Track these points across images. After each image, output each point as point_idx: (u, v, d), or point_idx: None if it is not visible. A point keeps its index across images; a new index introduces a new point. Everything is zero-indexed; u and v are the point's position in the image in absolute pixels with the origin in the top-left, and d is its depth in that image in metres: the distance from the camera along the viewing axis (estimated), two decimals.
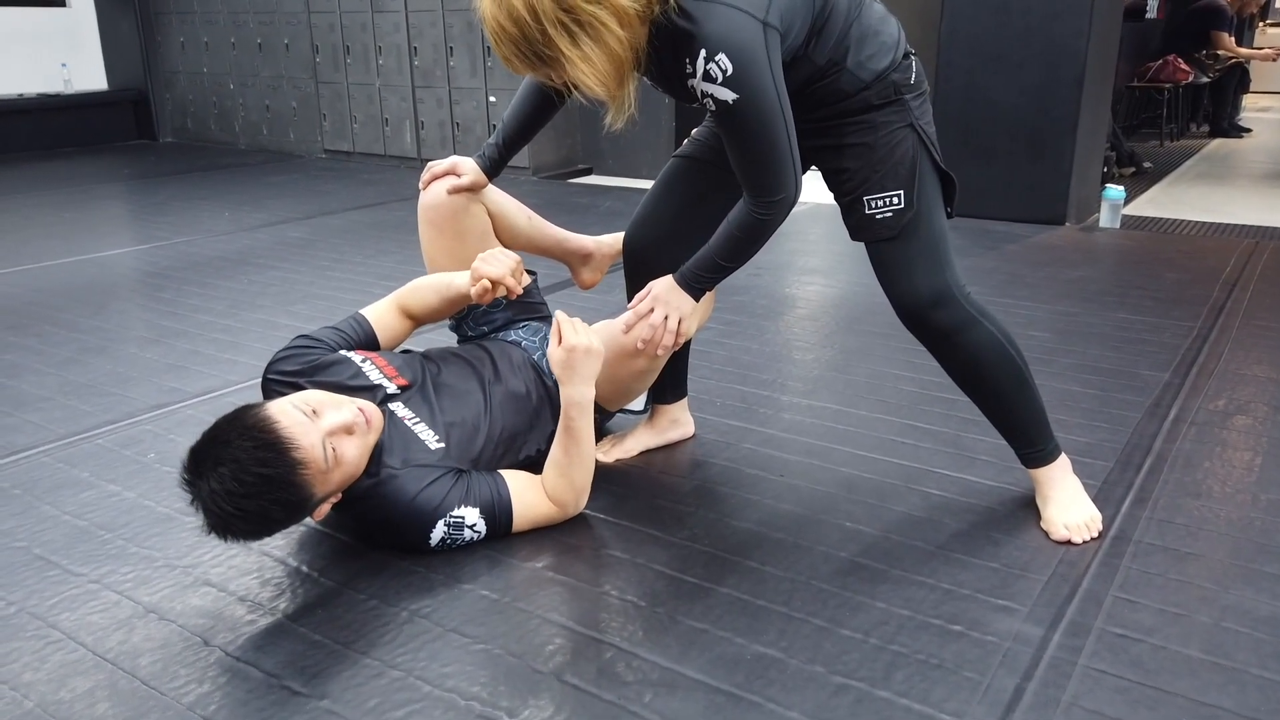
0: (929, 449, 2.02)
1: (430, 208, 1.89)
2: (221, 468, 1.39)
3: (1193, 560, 1.60)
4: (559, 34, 1.32)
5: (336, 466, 1.50)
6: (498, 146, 1.86)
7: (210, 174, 6.00)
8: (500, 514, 1.64)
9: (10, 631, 1.45)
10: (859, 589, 1.53)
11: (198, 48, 7.11)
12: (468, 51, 5.73)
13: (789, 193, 1.48)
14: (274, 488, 1.41)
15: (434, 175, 1.88)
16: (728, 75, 1.37)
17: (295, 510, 1.47)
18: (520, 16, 1.31)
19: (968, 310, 1.62)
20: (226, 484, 1.38)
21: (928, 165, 1.58)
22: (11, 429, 2.19)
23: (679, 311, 1.62)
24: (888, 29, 1.55)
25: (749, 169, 1.48)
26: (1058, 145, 4.11)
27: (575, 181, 5.79)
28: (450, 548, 1.61)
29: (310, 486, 1.45)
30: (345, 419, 1.52)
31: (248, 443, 1.41)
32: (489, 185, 1.91)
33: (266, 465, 1.40)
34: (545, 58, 1.35)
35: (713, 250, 1.58)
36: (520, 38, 1.33)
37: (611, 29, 1.33)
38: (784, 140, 1.44)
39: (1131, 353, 2.58)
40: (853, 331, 2.80)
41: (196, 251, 3.92)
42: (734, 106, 1.39)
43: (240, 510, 1.39)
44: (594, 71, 1.35)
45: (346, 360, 1.74)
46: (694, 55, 1.37)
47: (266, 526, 1.47)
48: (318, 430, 1.48)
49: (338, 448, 1.49)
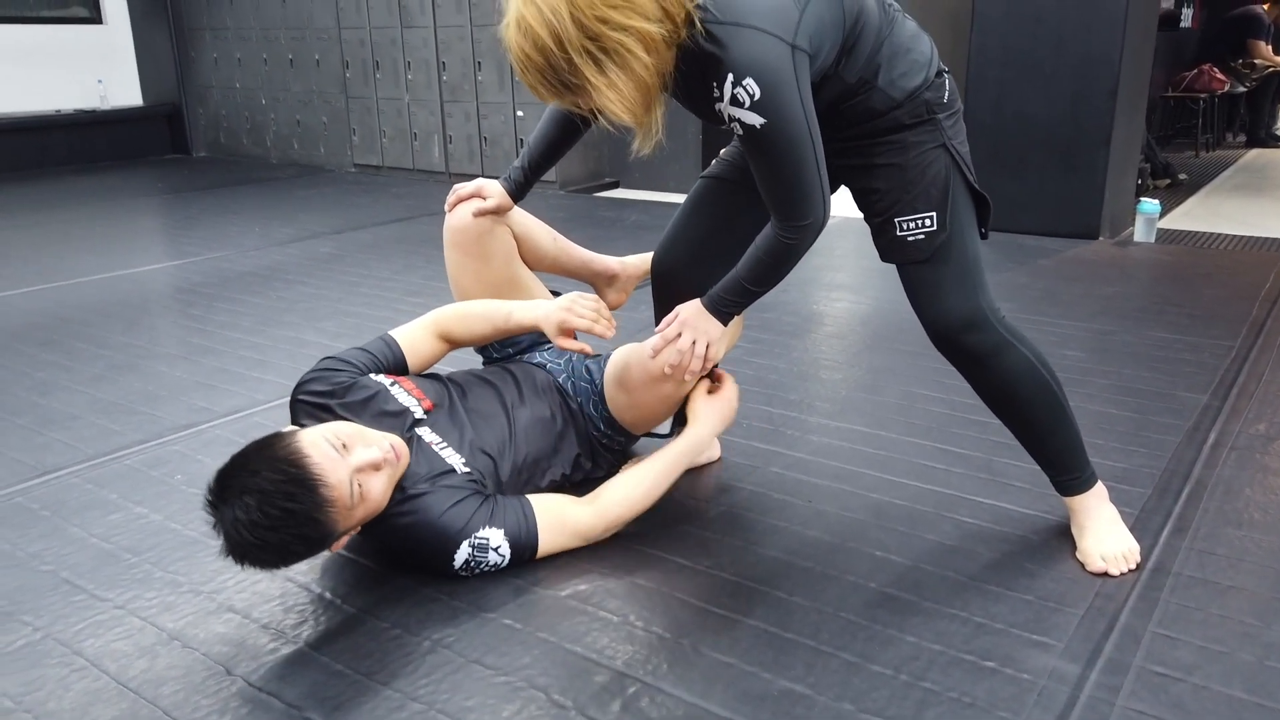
0: (961, 474, 1.98)
1: (456, 230, 1.89)
2: (247, 497, 1.38)
3: (1234, 594, 1.55)
4: (585, 62, 1.30)
5: (361, 503, 1.49)
6: (523, 169, 1.86)
7: (242, 188, 6.06)
8: (526, 539, 1.62)
9: (36, 658, 1.46)
10: (889, 622, 1.49)
11: (231, 63, 7.21)
12: (495, 66, 5.75)
13: (817, 217, 1.46)
14: (297, 523, 1.40)
15: (459, 198, 1.88)
16: (755, 99, 1.34)
17: (315, 545, 1.46)
18: (545, 45, 1.29)
19: (1001, 334, 1.59)
20: (251, 514, 1.37)
21: (961, 186, 1.55)
22: (41, 448, 2.21)
23: (707, 336, 1.60)
24: (920, 46, 1.52)
25: (776, 193, 1.46)
26: (1091, 158, 4.05)
27: (602, 195, 5.79)
28: (474, 571, 1.60)
29: (333, 524, 1.45)
30: (374, 456, 1.50)
31: (276, 475, 1.40)
32: (514, 207, 1.91)
33: (293, 500, 1.39)
34: (571, 86, 1.33)
35: (740, 274, 1.56)
36: (546, 66, 1.31)
37: (638, 55, 1.31)
38: (812, 164, 1.42)
39: (1169, 373, 2.52)
40: (881, 350, 2.77)
41: (227, 267, 3.96)
42: (761, 130, 1.37)
43: (260, 541, 1.39)
44: (621, 99, 1.33)
45: (375, 383, 1.73)
46: (721, 79, 1.35)
47: (284, 558, 1.47)
48: (346, 466, 1.46)
49: (364, 484, 1.48)
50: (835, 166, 1.53)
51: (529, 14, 1.29)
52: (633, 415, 1.80)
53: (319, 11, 6.51)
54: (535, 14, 1.28)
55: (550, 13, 1.27)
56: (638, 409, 1.78)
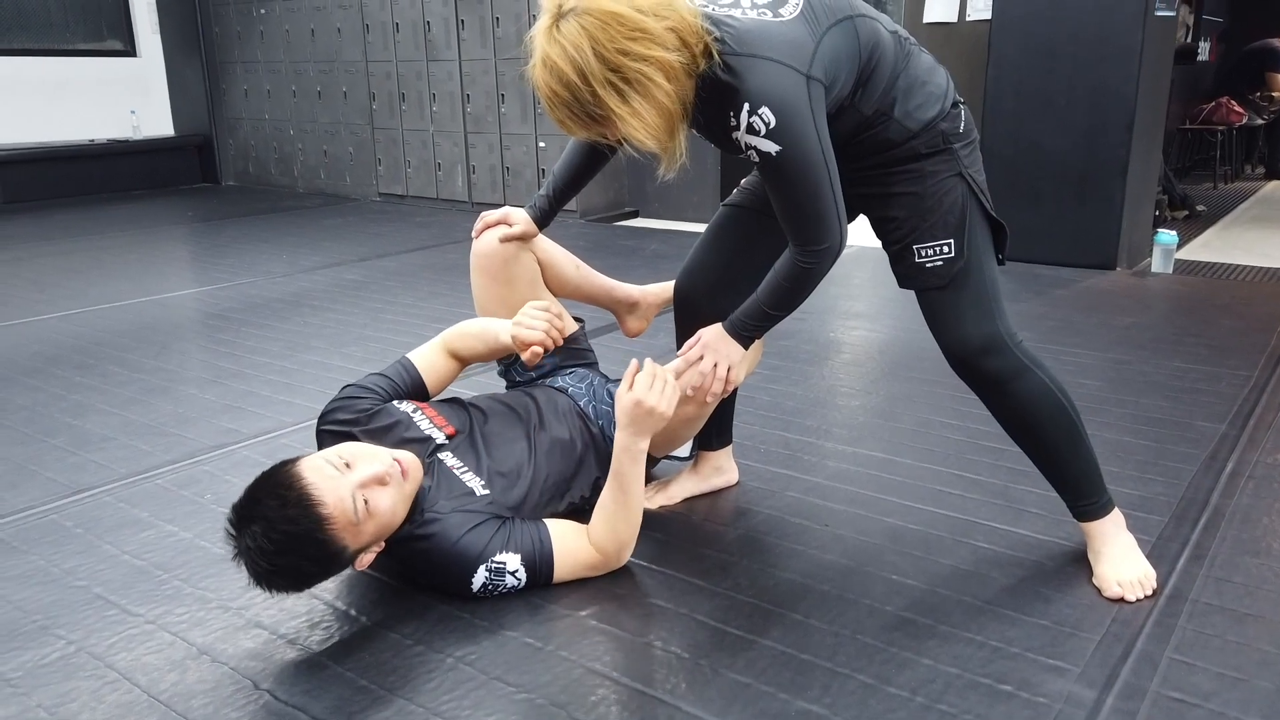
0: (977, 500, 1.99)
1: (482, 255, 1.93)
2: (254, 525, 1.44)
3: (1252, 621, 1.55)
4: (608, 93, 1.35)
5: (369, 518, 1.51)
6: (548, 197, 1.90)
7: (270, 216, 6.18)
8: (541, 562, 1.65)
9: (70, 670, 1.50)
10: (905, 645, 1.51)
11: (260, 95, 7.37)
12: (519, 98, 5.86)
13: (833, 242, 1.50)
14: (302, 544, 1.45)
15: (486, 224, 1.93)
16: (770, 128, 1.39)
17: (328, 563, 1.50)
18: (570, 80, 1.35)
19: (1019, 359, 1.61)
20: (259, 541, 1.43)
21: (978, 214, 1.58)
22: (76, 468, 2.27)
23: (728, 359, 1.63)
24: (936, 79, 1.57)
25: (793, 219, 1.50)
26: (1107, 189, 4.07)
27: (621, 224, 5.85)
28: (491, 594, 1.63)
29: (339, 541, 1.48)
30: (377, 470, 1.53)
31: (274, 501, 1.46)
32: (539, 235, 1.96)
33: (292, 523, 1.44)
34: (597, 117, 1.39)
35: (760, 299, 1.59)
36: (572, 100, 1.37)
37: (659, 83, 1.36)
38: (827, 191, 1.45)
39: (1186, 403, 2.53)
40: (898, 378, 2.79)
41: (255, 293, 4.04)
42: (777, 158, 1.42)
43: (274, 566, 1.44)
44: (644, 126, 1.38)
45: (398, 411, 1.77)
46: (737, 108, 1.40)
47: (303, 579, 1.51)
48: (348, 484, 1.50)
49: (370, 499, 1.51)
50: (854, 195, 1.56)
51: (554, 52, 1.35)
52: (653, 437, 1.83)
53: (347, 46, 6.65)
54: (559, 52, 1.34)
55: (573, 49, 1.33)
56: (660, 435, 1.81)
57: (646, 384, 1.60)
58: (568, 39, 1.33)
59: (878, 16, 1.53)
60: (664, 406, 1.60)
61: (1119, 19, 3.91)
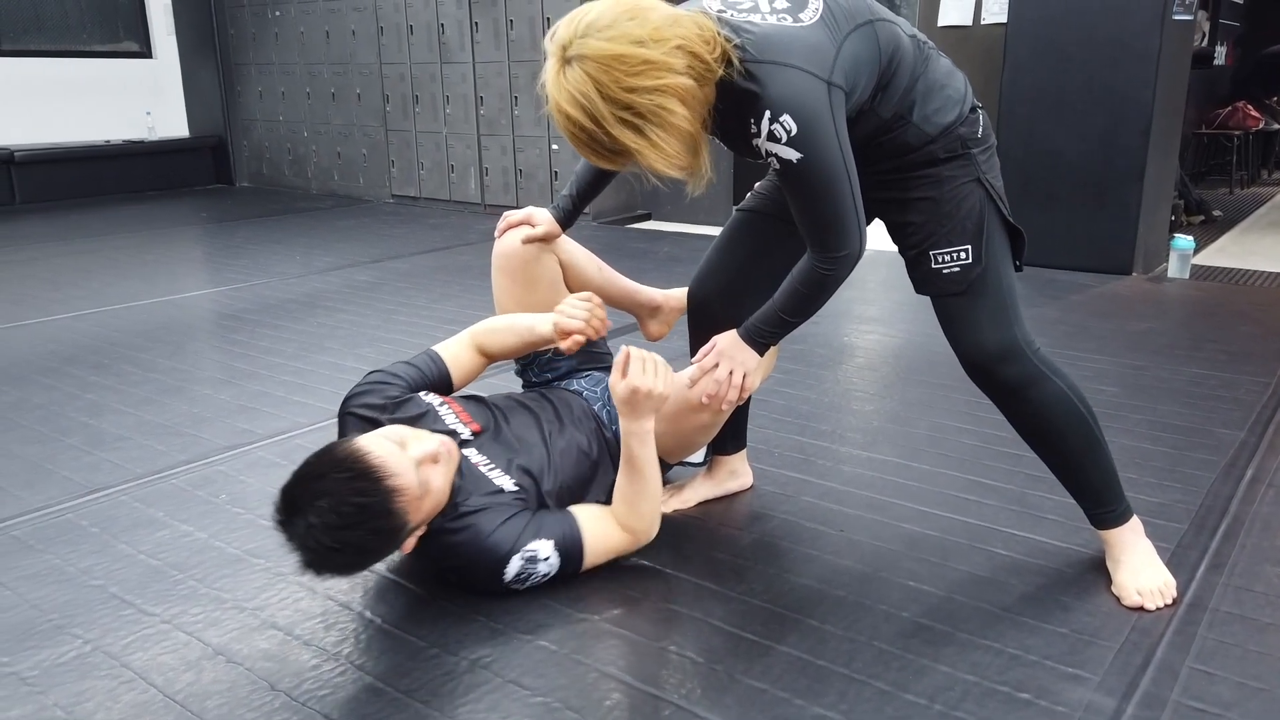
0: (994, 506, 1.98)
1: (504, 256, 1.93)
2: (319, 501, 1.42)
3: (1274, 631, 1.54)
4: (623, 131, 1.34)
5: (426, 494, 1.53)
6: (571, 198, 1.89)
7: (283, 218, 6.20)
8: (571, 545, 1.65)
9: (86, 670, 1.50)
10: (922, 651, 1.50)
11: (274, 97, 7.40)
12: (532, 101, 5.86)
13: (853, 249, 1.49)
14: (372, 516, 1.44)
15: (509, 224, 1.93)
16: (792, 135, 1.38)
17: (390, 539, 1.49)
18: (583, 124, 1.35)
19: (1036, 365, 1.60)
20: (325, 517, 1.41)
21: (995, 219, 1.57)
22: (91, 467, 2.28)
23: (744, 367, 1.63)
24: (954, 83, 1.56)
25: (813, 226, 1.49)
26: (1123, 193, 4.05)
27: (634, 227, 5.85)
28: (524, 584, 1.63)
29: (405, 514, 1.49)
30: (431, 448, 1.56)
31: (344, 474, 1.44)
32: (562, 235, 1.95)
33: (363, 494, 1.43)
34: (620, 151, 1.38)
35: (777, 305, 1.59)
36: (590, 140, 1.37)
37: (674, 110, 1.35)
38: (848, 198, 1.45)
39: (1205, 409, 2.51)
40: (913, 382, 2.78)
41: (269, 294, 4.05)
42: (798, 166, 1.41)
43: (338, 543, 1.42)
44: (665, 156, 1.37)
45: (424, 402, 1.77)
46: (758, 116, 1.39)
47: (363, 557, 1.50)
48: (408, 458, 1.51)
49: (426, 477, 1.53)
50: (871, 200, 1.56)
51: (563, 99, 1.35)
52: (668, 443, 1.82)
53: (361, 48, 6.67)
54: (568, 98, 1.34)
55: (579, 95, 1.33)
56: (673, 436, 1.80)
57: (639, 369, 1.61)
58: (574, 85, 1.33)
59: (896, 20, 1.52)
60: (660, 387, 1.61)
61: (1136, 23, 3.88)
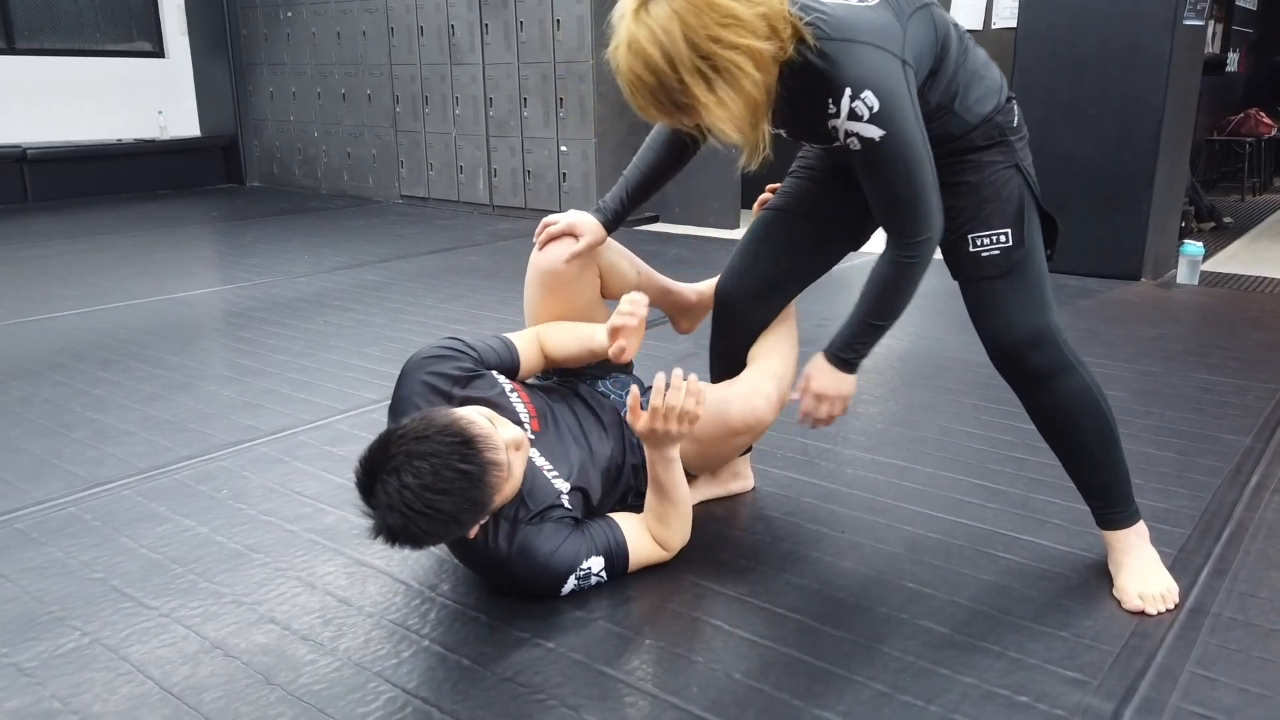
0: (997, 510, 1.97)
1: (546, 273, 1.82)
2: (419, 462, 1.40)
3: (1277, 637, 1.52)
4: (696, 81, 1.31)
5: (510, 478, 1.52)
6: (621, 199, 1.80)
7: (293, 217, 6.22)
8: (618, 558, 1.67)
9: (84, 662, 1.50)
10: (922, 654, 1.49)
11: (285, 97, 7.43)
12: (541, 103, 5.87)
13: (934, 231, 1.47)
14: (471, 484, 1.43)
15: (550, 236, 1.80)
16: (874, 112, 1.36)
17: (477, 512, 1.47)
18: (658, 66, 1.30)
19: (1065, 355, 1.59)
20: (424, 478, 1.39)
21: (1033, 206, 1.57)
22: (95, 461, 2.29)
23: (842, 397, 1.62)
24: (991, 73, 1.56)
25: (893, 209, 1.47)
26: (1134, 199, 4.03)
27: (643, 229, 5.85)
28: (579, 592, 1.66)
29: (495, 490, 1.48)
30: (516, 434, 1.55)
31: (449, 437, 1.43)
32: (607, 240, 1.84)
33: (468, 461, 1.42)
34: (682, 105, 1.34)
35: (864, 313, 1.55)
36: (658, 86, 1.33)
37: (749, 73, 1.32)
38: (928, 176, 1.43)
39: (1213, 415, 2.49)
40: (920, 386, 2.76)
41: (277, 292, 4.06)
42: (881, 143, 1.39)
43: (430, 508, 1.39)
44: (730, 116, 1.34)
45: (495, 380, 1.74)
46: (838, 95, 1.36)
47: (447, 527, 1.45)
48: (501, 438, 1.51)
49: (513, 459, 1.52)
50: None
51: (641, 35, 1.30)
52: (697, 462, 1.82)
53: (372, 49, 6.70)
54: (648, 35, 1.30)
55: (663, 33, 1.29)
56: (706, 457, 1.79)
57: (655, 415, 1.57)
58: (657, 22, 1.29)
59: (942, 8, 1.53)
60: (676, 429, 1.58)
61: (1147, 28, 3.87)
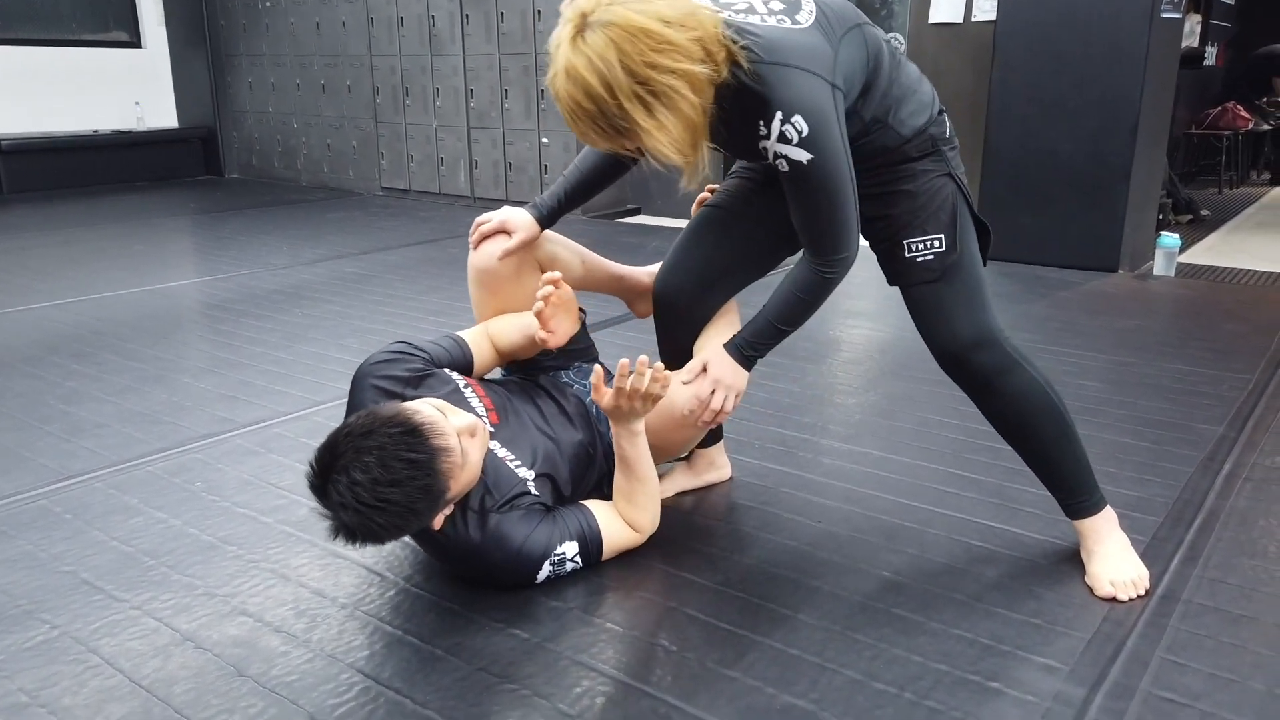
0: (972, 499, 1.98)
1: (481, 270, 1.83)
2: (367, 456, 1.39)
3: (1246, 623, 1.54)
4: (635, 106, 1.32)
5: (466, 465, 1.51)
6: (558, 198, 1.80)
7: (272, 209, 6.17)
8: (592, 543, 1.67)
9: (53, 655, 1.49)
10: (895, 641, 1.50)
11: (265, 88, 7.37)
12: (522, 94, 5.85)
13: (851, 251, 1.53)
14: (420, 473, 1.41)
15: (482, 234, 1.81)
16: (803, 136, 1.39)
17: (433, 502, 1.46)
18: (597, 93, 1.32)
19: (1009, 354, 1.61)
20: (371, 472, 1.39)
21: (966, 212, 1.61)
22: (67, 454, 2.26)
23: (736, 389, 1.65)
24: (923, 87, 1.60)
25: (815, 229, 1.51)
26: (1111, 192, 4.05)
27: (624, 221, 5.84)
28: (553, 580, 1.65)
29: (449, 478, 1.47)
30: (469, 420, 1.55)
31: (394, 429, 1.42)
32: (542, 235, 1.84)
33: (414, 450, 1.41)
34: (621, 130, 1.36)
35: (770, 315, 1.60)
36: (597, 113, 1.34)
37: (685, 96, 1.34)
38: (850, 199, 1.47)
39: (1186, 405, 2.51)
40: (898, 377, 2.77)
41: (255, 284, 4.03)
42: (808, 167, 1.42)
43: (382, 500, 1.39)
44: (670, 139, 1.36)
45: (448, 377, 1.73)
46: (769, 117, 1.39)
47: (404, 519, 1.44)
48: (451, 425, 1.50)
49: (467, 446, 1.51)
50: None
51: (579, 63, 1.32)
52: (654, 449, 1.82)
53: (352, 40, 6.65)
54: (585, 62, 1.31)
55: (600, 60, 1.30)
56: (658, 448, 1.80)
57: (620, 394, 1.59)
58: (594, 50, 1.30)
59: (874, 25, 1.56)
60: (640, 407, 1.61)
61: (1124, 21, 3.89)
